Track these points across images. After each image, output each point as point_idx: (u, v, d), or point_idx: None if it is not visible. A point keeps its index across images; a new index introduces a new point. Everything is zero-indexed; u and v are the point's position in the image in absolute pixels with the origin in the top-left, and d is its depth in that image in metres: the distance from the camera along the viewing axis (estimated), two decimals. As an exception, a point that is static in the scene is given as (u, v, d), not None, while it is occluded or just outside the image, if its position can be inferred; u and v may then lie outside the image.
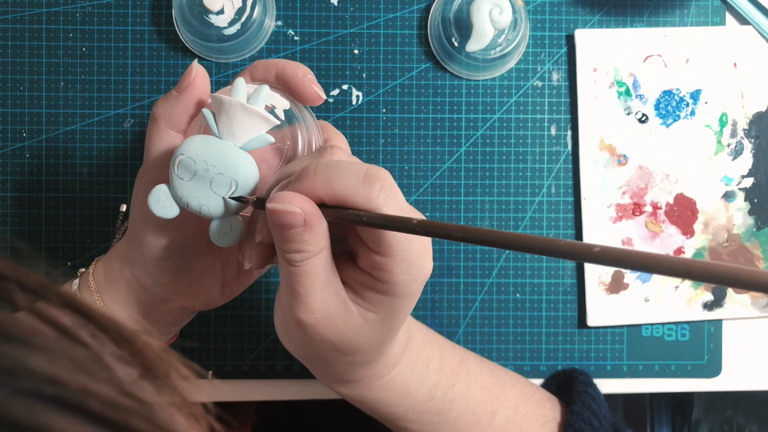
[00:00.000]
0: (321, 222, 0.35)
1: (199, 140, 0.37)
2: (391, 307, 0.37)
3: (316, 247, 0.35)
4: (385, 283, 0.36)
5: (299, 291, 0.36)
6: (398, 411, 0.45)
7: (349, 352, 0.38)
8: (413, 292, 0.37)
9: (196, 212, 0.38)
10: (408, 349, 0.44)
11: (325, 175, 0.34)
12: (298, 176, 0.35)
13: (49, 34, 0.56)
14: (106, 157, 0.56)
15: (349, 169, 0.34)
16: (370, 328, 0.37)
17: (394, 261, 0.35)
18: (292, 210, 0.34)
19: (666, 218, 0.57)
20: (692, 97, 0.57)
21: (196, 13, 0.53)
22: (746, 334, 0.58)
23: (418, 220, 0.32)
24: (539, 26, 0.57)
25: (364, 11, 0.57)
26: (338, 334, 0.37)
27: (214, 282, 0.45)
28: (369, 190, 0.34)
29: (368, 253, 0.36)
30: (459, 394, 0.47)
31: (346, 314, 0.37)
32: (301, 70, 0.40)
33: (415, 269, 0.36)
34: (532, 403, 0.50)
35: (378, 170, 0.34)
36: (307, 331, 0.37)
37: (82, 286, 0.44)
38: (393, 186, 0.35)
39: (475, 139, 0.57)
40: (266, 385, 0.57)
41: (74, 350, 0.22)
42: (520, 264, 0.57)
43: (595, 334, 0.57)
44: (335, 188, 0.34)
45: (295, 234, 0.34)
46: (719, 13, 0.57)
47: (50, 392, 0.20)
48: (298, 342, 0.39)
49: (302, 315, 0.36)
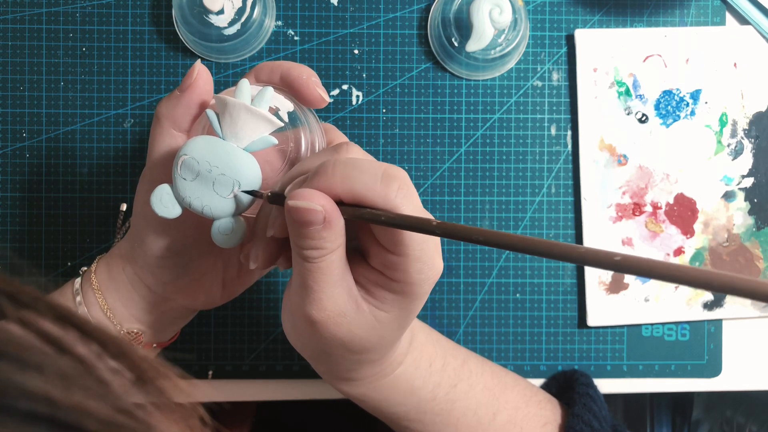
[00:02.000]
0: (339, 220, 0.35)
1: (203, 141, 0.37)
2: (403, 306, 0.37)
3: (334, 244, 0.35)
4: (398, 283, 0.36)
5: (313, 287, 0.36)
6: (401, 410, 0.45)
7: (357, 350, 0.38)
8: (425, 292, 0.37)
9: (198, 213, 0.38)
10: (412, 347, 0.44)
11: (343, 173, 0.34)
12: (316, 173, 0.35)
13: (49, 34, 0.56)
14: (106, 157, 0.56)
15: (367, 168, 0.34)
16: (380, 326, 0.37)
17: (408, 261, 0.35)
18: (314, 208, 0.34)
19: (666, 218, 0.57)
20: (692, 97, 0.57)
21: (196, 13, 0.53)
22: (746, 334, 0.58)
23: (437, 222, 0.32)
24: (539, 26, 0.57)
25: (364, 11, 0.57)
26: (348, 332, 0.37)
27: (215, 281, 0.45)
28: (387, 190, 0.34)
29: (382, 252, 0.36)
30: (461, 394, 0.47)
31: (358, 312, 0.37)
32: (306, 73, 0.40)
33: (427, 268, 0.36)
34: (533, 405, 0.50)
35: (396, 170, 0.34)
36: (316, 327, 0.37)
37: (85, 284, 0.44)
38: (410, 186, 0.35)
39: (475, 139, 0.57)
40: (266, 385, 0.57)
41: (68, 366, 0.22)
42: (520, 264, 0.57)
43: (595, 334, 0.57)
44: (354, 187, 0.34)
45: (313, 231, 0.34)
46: (719, 13, 0.57)
47: (45, 412, 0.20)
48: (306, 339, 0.39)
49: (314, 312, 0.36)
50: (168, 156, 0.40)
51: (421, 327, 0.47)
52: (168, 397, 0.24)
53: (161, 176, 0.40)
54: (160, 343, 0.47)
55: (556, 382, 0.56)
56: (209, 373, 0.56)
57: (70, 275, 0.56)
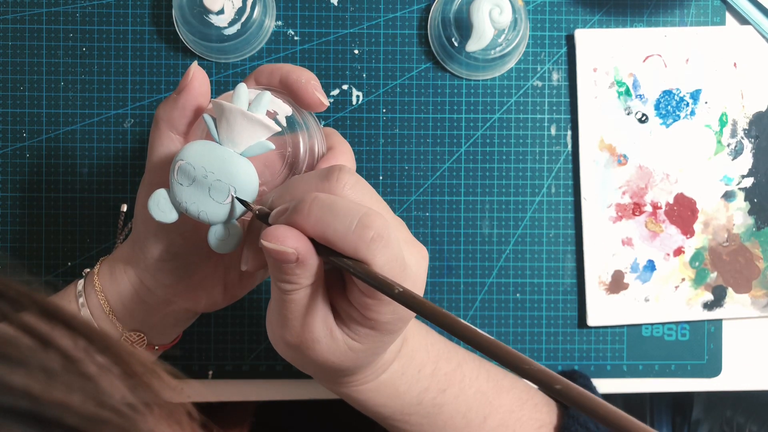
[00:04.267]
0: (313, 259, 0.35)
1: (199, 146, 0.37)
2: (376, 339, 0.37)
3: (307, 280, 0.35)
4: (371, 321, 0.36)
5: (287, 315, 0.36)
6: (385, 411, 0.45)
7: (331, 371, 0.39)
8: (399, 329, 0.37)
9: (194, 218, 0.38)
10: (401, 354, 0.44)
11: (318, 216, 0.34)
12: (292, 210, 0.35)
13: (49, 34, 0.56)
14: (106, 157, 0.56)
15: (343, 214, 0.34)
16: (354, 355, 0.38)
17: (381, 304, 0.35)
18: (286, 250, 0.34)
19: (666, 218, 0.57)
20: (692, 97, 0.57)
21: (196, 13, 0.53)
22: (746, 334, 0.58)
23: (400, 290, 0.32)
24: (539, 26, 0.57)
25: (364, 11, 0.57)
26: (321, 357, 0.37)
27: (217, 284, 0.45)
28: (359, 241, 0.33)
29: (357, 292, 0.36)
30: (450, 398, 0.47)
31: (332, 339, 0.37)
32: (305, 76, 0.40)
33: (401, 309, 0.36)
34: (528, 408, 0.50)
35: (373, 218, 0.34)
36: (291, 348, 0.38)
37: (87, 286, 0.44)
38: (387, 235, 0.34)
39: (475, 139, 0.57)
40: (266, 385, 0.57)
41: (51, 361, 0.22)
42: (520, 264, 0.57)
43: (595, 334, 0.57)
44: (326, 232, 0.34)
45: (287, 267, 0.35)
46: (719, 13, 0.57)
47: (26, 407, 0.20)
48: (289, 355, 0.40)
49: (287, 336, 0.37)
50: (166, 160, 0.40)
51: (417, 330, 0.46)
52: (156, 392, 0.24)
53: (159, 180, 0.40)
54: (162, 346, 0.47)
55: None
56: (209, 373, 0.56)
57: (70, 275, 0.56)
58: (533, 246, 0.57)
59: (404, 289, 0.32)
